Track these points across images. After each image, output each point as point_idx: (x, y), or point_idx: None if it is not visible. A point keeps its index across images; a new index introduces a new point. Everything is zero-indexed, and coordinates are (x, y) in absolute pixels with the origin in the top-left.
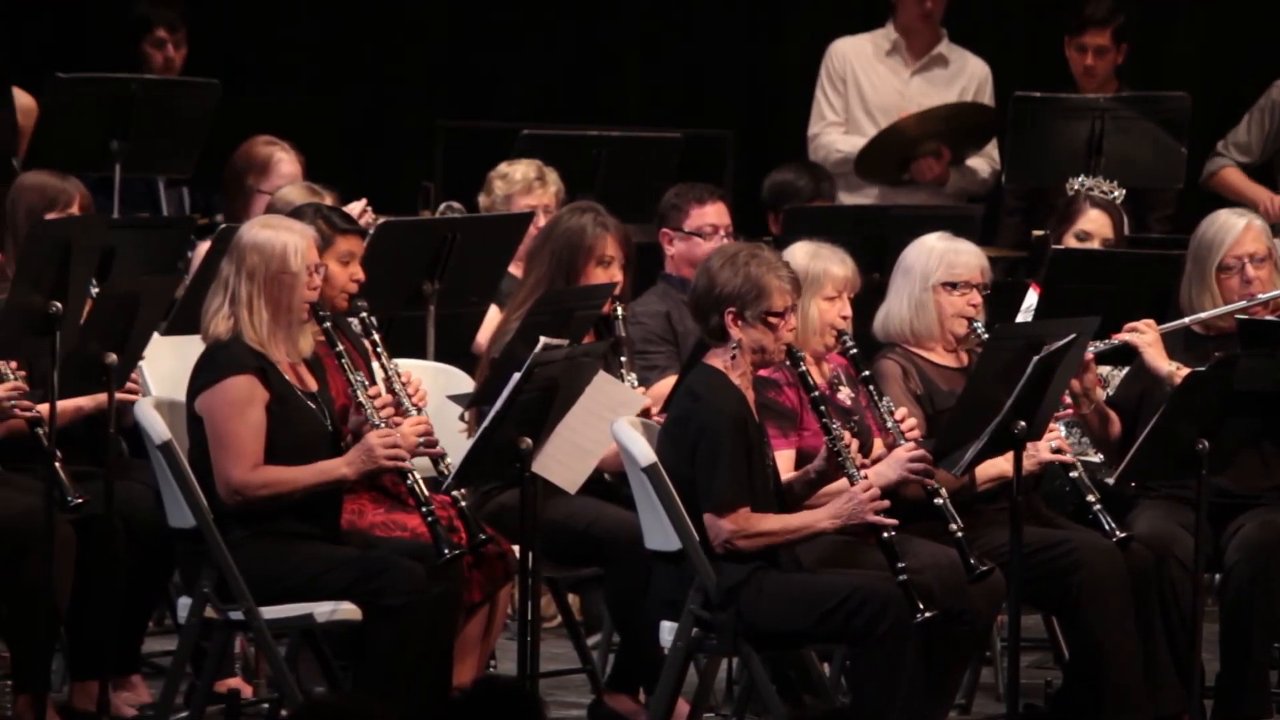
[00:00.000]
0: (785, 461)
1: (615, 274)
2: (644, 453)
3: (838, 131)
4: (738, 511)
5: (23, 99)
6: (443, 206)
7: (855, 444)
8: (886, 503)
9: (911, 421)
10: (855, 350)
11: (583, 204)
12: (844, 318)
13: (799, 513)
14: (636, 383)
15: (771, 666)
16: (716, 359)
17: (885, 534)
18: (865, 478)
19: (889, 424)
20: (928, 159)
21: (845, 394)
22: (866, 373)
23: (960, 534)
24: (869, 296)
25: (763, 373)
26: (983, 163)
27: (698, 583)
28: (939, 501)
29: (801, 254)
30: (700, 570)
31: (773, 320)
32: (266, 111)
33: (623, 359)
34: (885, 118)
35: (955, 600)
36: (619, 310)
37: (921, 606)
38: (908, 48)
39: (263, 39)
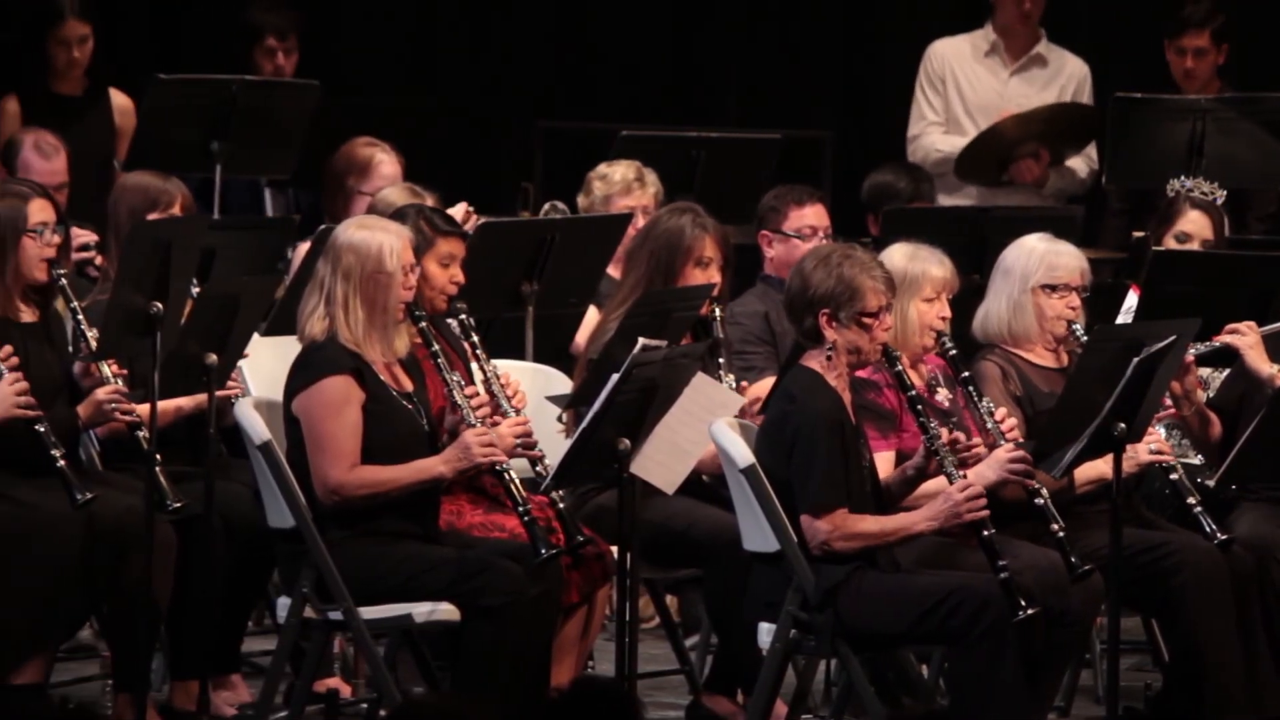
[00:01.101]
0: (885, 463)
1: (713, 275)
2: (742, 454)
3: (938, 132)
4: (834, 513)
5: (120, 100)
6: (547, 206)
7: (959, 436)
8: (983, 501)
9: (1011, 421)
10: (954, 351)
11: (681, 205)
12: (943, 319)
13: (896, 514)
14: (735, 384)
15: (870, 668)
16: (813, 360)
17: (985, 532)
18: (964, 477)
19: (988, 425)
20: (1027, 160)
21: (944, 395)
22: (965, 374)
23: (1061, 533)
24: (969, 298)
25: (862, 374)
26: (1081, 163)
27: (796, 584)
28: (1040, 501)
29: (900, 255)
30: (799, 571)
31: (867, 321)
32: (366, 112)
33: (720, 360)
34: (984, 118)
35: (1055, 601)
36: (717, 311)
37: (1023, 604)
38: (1006, 48)
39: (364, 39)
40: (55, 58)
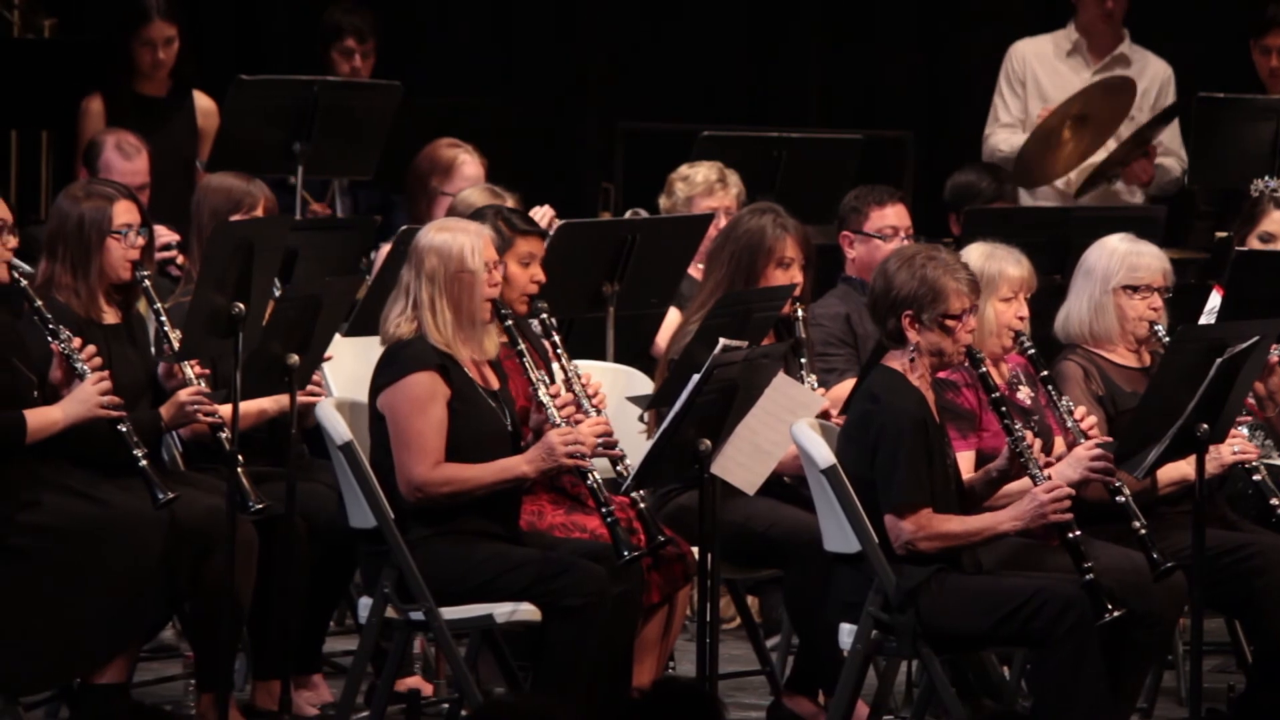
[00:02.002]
0: (965, 463)
1: (795, 275)
2: (823, 455)
3: (1006, 132)
4: (919, 513)
5: (203, 101)
6: (629, 213)
7: (1038, 444)
8: (1069, 503)
9: (1091, 420)
10: (1033, 350)
11: (763, 205)
12: (1020, 318)
13: (980, 515)
14: (816, 384)
15: (951, 669)
16: (895, 361)
17: (1070, 534)
18: (1049, 477)
19: (1069, 423)
20: (1140, 161)
21: (1025, 394)
22: (1045, 373)
23: (1144, 531)
24: (1050, 298)
25: (941, 374)
26: (1173, 162)
27: (877, 585)
28: (1122, 499)
29: (977, 255)
30: (880, 572)
31: (950, 323)
32: (448, 114)
33: (803, 360)
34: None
35: (1138, 603)
36: (799, 312)
37: (1109, 606)
38: (1089, 48)
39: (446, 40)
40: (140, 59)
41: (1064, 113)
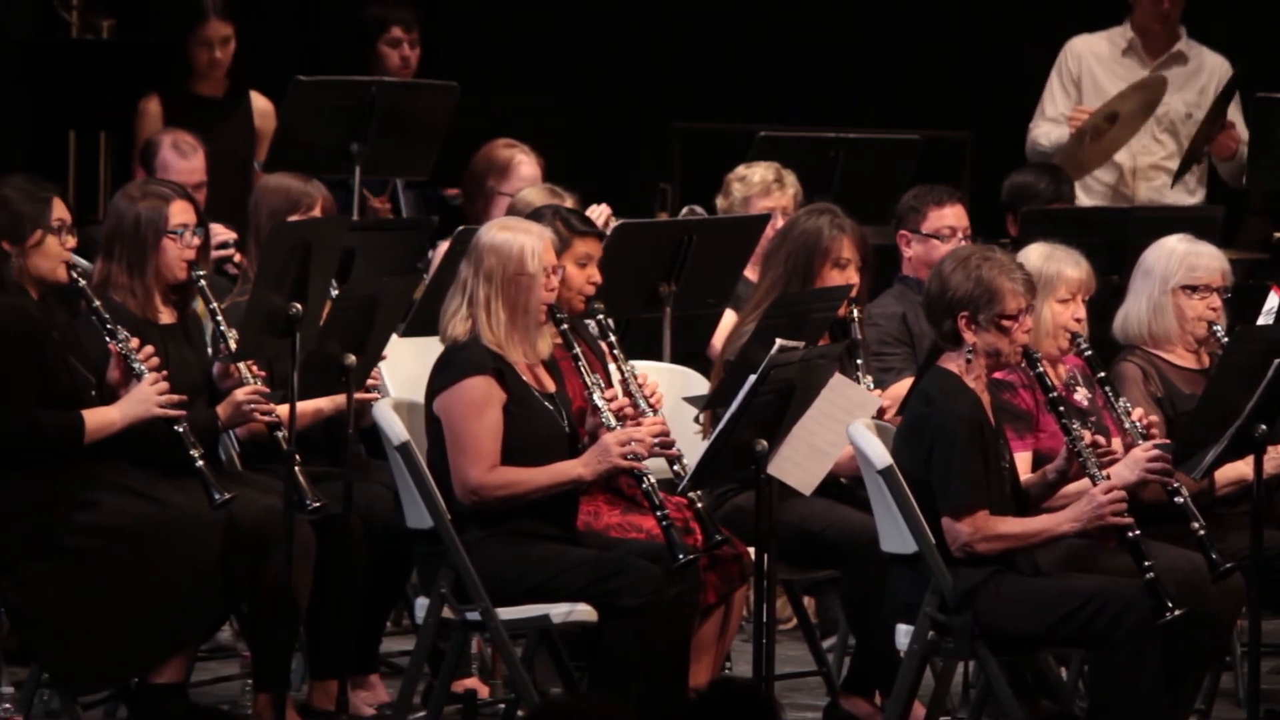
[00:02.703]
0: (1022, 463)
1: (851, 276)
2: (880, 455)
3: (1049, 125)
4: (975, 515)
5: (259, 102)
6: (685, 210)
7: (1099, 438)
8: (1126, 505)
9: (1150, 419)
10: (1090, 352)
11: (820, 206)
12: (1077, 320)
13: (1039, 516)
14: (873, 385)
15: (1008, 670)
16: (951, 362)
17: (1130, 534)
18: (1107, 478)
19: (1127, 424)
20: (1222, 136)
21: (1082, 395)
22: (1103, 374)
23: (1202, 531)
24: (1109, 299)
25: (997, 375)
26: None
27: (934, 585)
28: (1180, 500)
29: (1036, 256)
30: (937, 573)
31: (1006, 323)
32: (505, 114)
33: (859, 361)
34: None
35: (1196, 604)
36: (855, 312)
37: (1170, 605)
38: (1145, 46)
39: (503, 40)
40: (197, 59)
41: (1098, 115)
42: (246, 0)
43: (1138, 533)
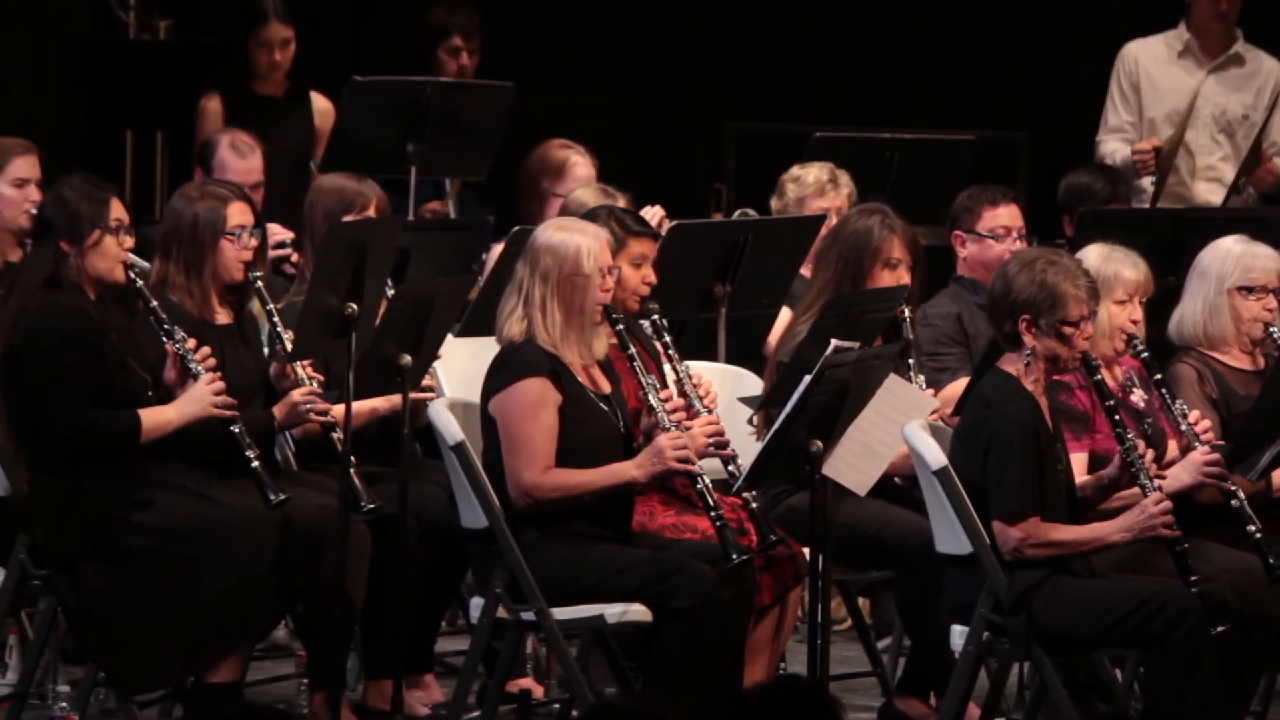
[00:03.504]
0: (1078, 464)
1: (902, 276)
2: (935, 456)
3: (1117, 139)
4: (1027, 520)
5: (320, 102)
6: (738, 213)
7: (1150, 454)
8: (1172, 518)
9: (1205, 424)
10: (1147, 354)
11: (870, 206)
12: (1134, 322)
13: (1090, 524)
14: (924, 385)
15: (1063, 671)
16: (1010, 365)
17: (1178, 547)
18: (1159, 489)
19: (1183, 426)
20: (1259, 170)
21: (1138, 396)
22: (1159, 376)
23: (1259, 535)
24: (1165, 300)
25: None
26: None
27: (989, 586)
28: (1236, 503)
29: (1095, 256)
30: (992, 574)
31: (1067, 330)
32: (560, 114)
33: (910, 361)
34: (1177, 121)
35: (1252, 606)
36: (907, 312)
37: (1217, 621)
38: (1201, 48)
39: (557, 40)
40: (257, 60)
41: (1166, 149)
42: (305, 1)
43: (1186, 545)
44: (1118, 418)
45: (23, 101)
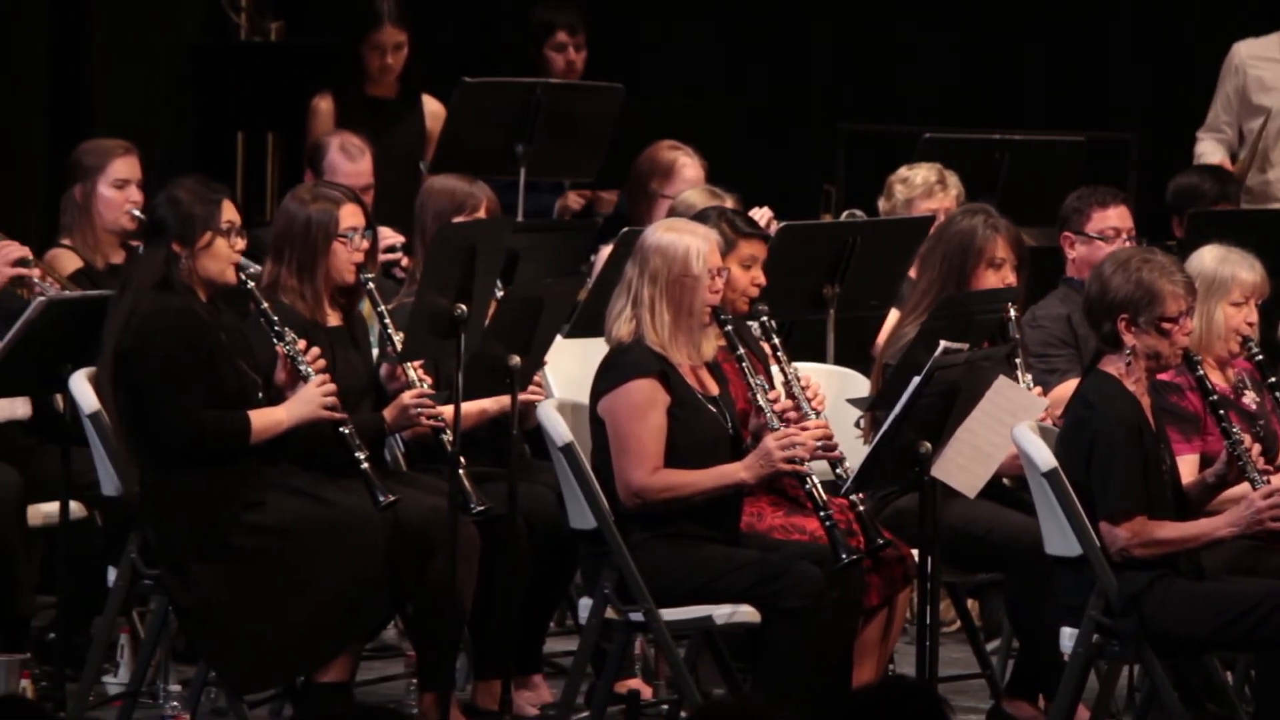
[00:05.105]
0: (1189, 466)
1: (1007, 276)
2: (1044, 457)
3: (1211, 143)
4: (1133, 520)
5: (431, 105)
6: (845, 214)
7: (1257, 448)
8: None
9: None
10: (1260, 356)
11: (975, 206)
12: (1249, 324)
13: (1197, 520)
14: (1032, 385)
15: (1174, 674)
16: (1111, 365)
17: None
18: (1268, 482)
19: None
20: None
21: (1250, 398)
22: (1273, 378)
23: None
24: (1276, 301)
25: (1164, 376)
26: None
27: (1099, 588)
28: None
29: (1210, 258)
30: (1102, 576)
31: (1166, 326)
32: (668, 115)
33: (1017, 362)
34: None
35: None
36: (1012, 313)
37: None
38: None
39: (666, 41)
40: (369, 63)
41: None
42: (416, 2)
43: None
44: (1222, 413)
45: (136, 104)
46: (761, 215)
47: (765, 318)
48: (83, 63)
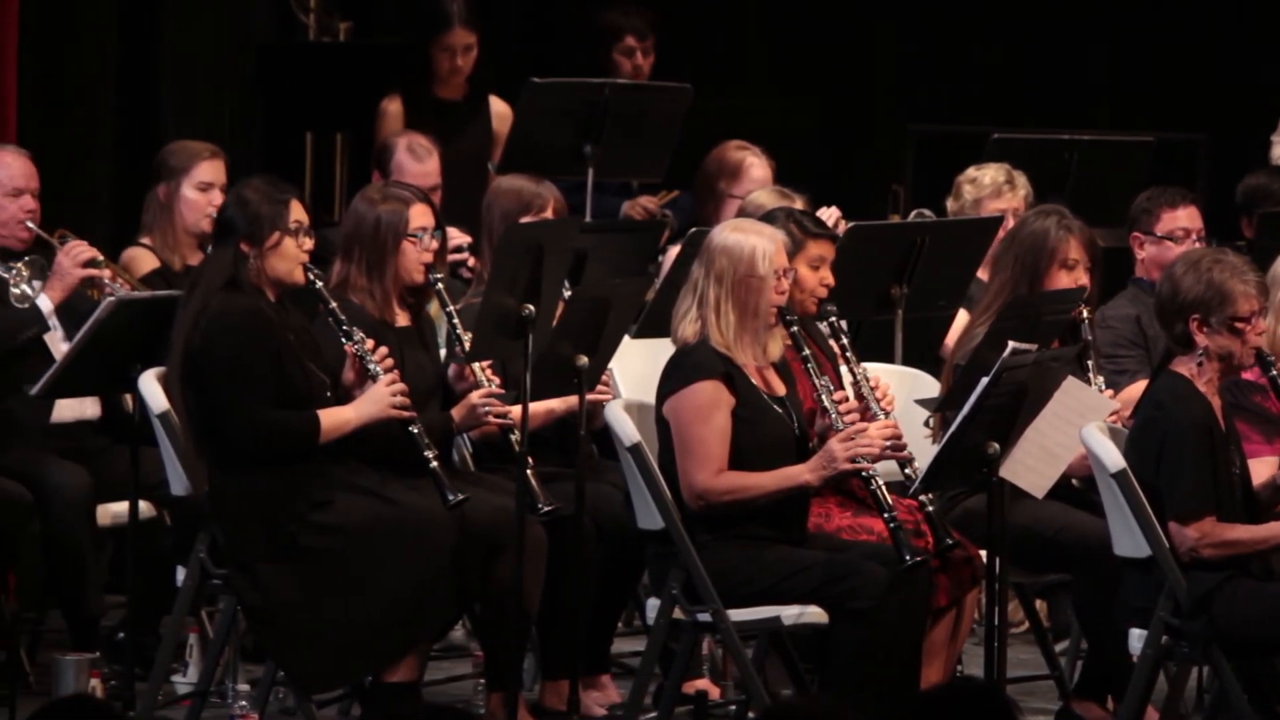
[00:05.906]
0: (1268, 467)
1: (1080, 277)
2: (1113, 458)
3: None
4: (1203, 520)
5: (498, 106)
6: (913, 214)
7: None
8: None
9: None
10: None
11: (1048, 207)
12: None
13: (1268, 523)
14: (1103, 387)
15: (1243, 675)
16: (1182, 366)
17: None
18: None
19: None
20: None
21: None
22: None
23: None
24: None
25: (1247, 376)
26: None
27: (1168, 590)
28: None
29: None
30: (1171, 577)
31: (1239, 326)
32: (736, 115)
33: (1089, 363)
34: None
35: None
36: (1085, 314)
37: None
38: None
39: (733, 41)
40: (438, 64)
41: None
42: (484, 2)
43: None
44: None
45: (205, 105)
46: (829, 215)
47: (834, 318)
48: (152, 64)
